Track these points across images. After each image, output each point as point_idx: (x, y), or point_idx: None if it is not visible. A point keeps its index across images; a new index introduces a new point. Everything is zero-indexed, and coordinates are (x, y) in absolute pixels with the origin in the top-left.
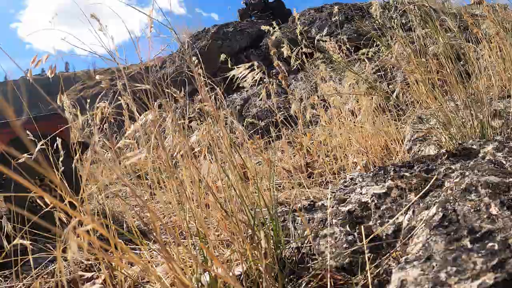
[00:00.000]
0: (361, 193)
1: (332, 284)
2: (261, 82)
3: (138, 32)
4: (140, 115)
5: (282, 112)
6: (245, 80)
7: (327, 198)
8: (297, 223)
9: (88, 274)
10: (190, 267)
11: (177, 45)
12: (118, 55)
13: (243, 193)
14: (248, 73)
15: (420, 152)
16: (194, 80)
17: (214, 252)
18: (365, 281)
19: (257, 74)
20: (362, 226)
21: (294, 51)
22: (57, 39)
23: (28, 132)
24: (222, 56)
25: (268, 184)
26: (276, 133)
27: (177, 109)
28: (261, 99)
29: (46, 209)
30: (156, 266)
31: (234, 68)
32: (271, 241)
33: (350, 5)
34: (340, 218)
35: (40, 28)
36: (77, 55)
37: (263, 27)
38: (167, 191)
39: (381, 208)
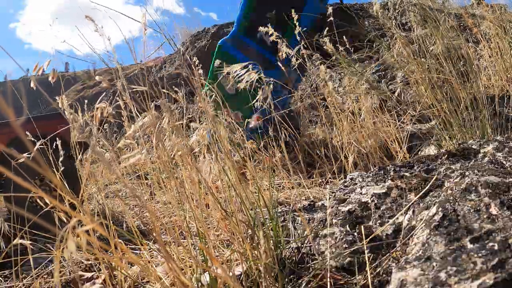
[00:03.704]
0: (361, 193)
1: (332, 284)
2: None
3: (137, 32)
4: (139, 115)
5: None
6: (241, 81)
7: (327, 198)
8: (297, 223)
9: (88, 274)
10: (190, 267)
11: (177, 45)
12: (116, 56)
13: (243, 193)
14: (244, 73)
15: (420, 152)
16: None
17: (214, 252)
18: (365, 281)
19: (251, 74)
20: (362, 226)
21: (294, 50)
22: (57, 39)
23: (27, 132)
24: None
25: (268, 184)
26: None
27: (177, 109)
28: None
29: (46, 209)
30: (156, 266)
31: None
32: (271, 241)
33: (351, 5)
34: (340, 218)
35: (40, 28)
36: (77, 55)
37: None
38: (167, 191)
39: (381, 208)
